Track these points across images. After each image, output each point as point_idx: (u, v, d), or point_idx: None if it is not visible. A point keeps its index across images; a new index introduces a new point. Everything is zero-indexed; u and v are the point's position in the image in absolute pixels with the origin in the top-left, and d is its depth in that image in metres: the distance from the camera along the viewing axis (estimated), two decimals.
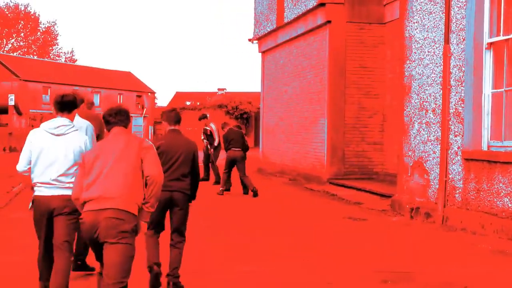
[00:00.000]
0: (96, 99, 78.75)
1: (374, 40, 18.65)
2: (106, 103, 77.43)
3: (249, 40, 27.53)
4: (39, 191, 6.18)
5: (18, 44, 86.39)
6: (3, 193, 15.39)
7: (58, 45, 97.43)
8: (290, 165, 22.19)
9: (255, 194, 15.76)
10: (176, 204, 7.07)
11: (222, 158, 17.91)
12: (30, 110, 48.12)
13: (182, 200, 7.09)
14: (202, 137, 19.41)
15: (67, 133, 6.18)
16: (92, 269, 7.39)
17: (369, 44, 18.66)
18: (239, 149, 16.19)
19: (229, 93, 63.38)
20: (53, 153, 6.11)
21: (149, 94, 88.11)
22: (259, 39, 26.30)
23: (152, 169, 5.42)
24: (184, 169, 7.14)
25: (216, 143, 19.22)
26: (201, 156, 11.31)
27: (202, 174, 18.86)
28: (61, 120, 6.23)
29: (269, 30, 24.95)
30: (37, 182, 6.18)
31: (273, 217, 12.76)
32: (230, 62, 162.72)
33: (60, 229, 6.12)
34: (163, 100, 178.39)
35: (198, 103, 50.14)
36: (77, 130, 6.33)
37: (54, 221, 6.14)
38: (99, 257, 5.41)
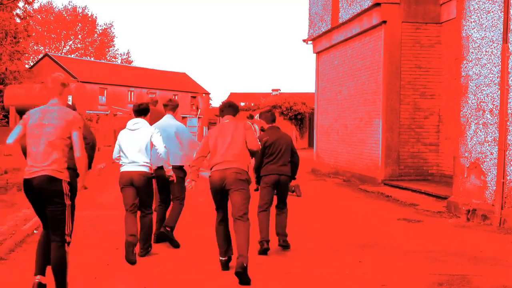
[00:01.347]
0: None
1: (430, 40, 18.46)
2: (162, 104, 78.36)
3: (304, 40, 27.53)
4: (124, 168, 8.71)
5: (76, 46, 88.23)
6: None
7: (114, 47, 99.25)
8: (344, 166, 22.12)
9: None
10: (280, 184, 9.35)
11: None
12: (87, 111, 49.03)
13: (286, 181, 9.40)
14: None
15: (139, 129, 8.80)
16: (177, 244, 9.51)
17: (425, 44, 18.48)
18: None
19: (283, 94, 63.39)
20: (131, 142, 8.72)
21: (204, 95, 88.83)
22: (314, 39, 26.28)
23: (253, 145, 7.94)
24: (286, 157, 9.38)
25: None
26: None
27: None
28: (136, 120, 8.93)
29: (323, 30, 24.92)
30: (123, 163, 8.75)
31: (327, 218, 12.75)
32: (284, 63, 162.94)
33: (139, 194, 8.72)
34: (217, 100, 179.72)
35: (252, 104, 50.31)
36: (147, 126, 8.86)
37: (135, 189, 8.67)
38: (221, 205, 8.00)
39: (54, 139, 6.26)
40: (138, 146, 8.66)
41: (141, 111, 9.01)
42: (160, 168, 9.13)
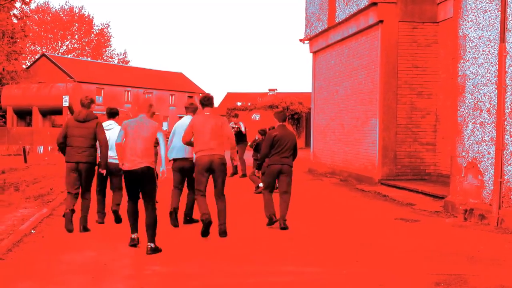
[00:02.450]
0: None
1: (427, 40, 18.45)
2: (158, 104, 78.36)
3: (300, 40, 27.51)
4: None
5: (73, 46, 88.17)
6: (58, 192, 15.68)
7: (111, 47, 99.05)
8: (341, 166, 22.10)
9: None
10: (283, 173, 11.20)
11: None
12: None
13: (288, 170, 11.23)
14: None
15: (112, 129, 11.50)
16: (197, 221, 11.14)
17: (422, 43, 18.47)
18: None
19: (280, 94, 63.46)
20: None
21: (200, 94, 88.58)
22: (310, 39, 26.26)
23: (230, 137, 10.41)
24: (290, 150, 11.27)
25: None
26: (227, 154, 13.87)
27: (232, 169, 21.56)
28: (109, 122, 11.65)
29: (320, 30, 24.89)
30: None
31: (323, 218, 12.73)
32: (281, 63, 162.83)
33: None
34: (214, 100, 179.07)
35: (249, 104, 50.25)
36: (118, 126, 11.43)
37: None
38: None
39: (147, 142, 9.30)
40: (110, 143, 10.98)
41: (112, 114, 11.90)
42: (181, 159, 11.15)
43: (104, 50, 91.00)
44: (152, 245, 8.96)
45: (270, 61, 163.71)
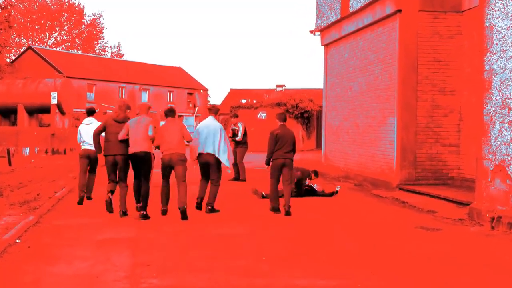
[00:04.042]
0: (144, 97, 79.72)
1: (450, 31, 18.43)
2: (155, 101, 78.51)
3: (311, 32, 27.52)
4: (84, 147, 15.90)
5: (62, 38, 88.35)
6: (45, 198, 15.71)
7: (103, 39, 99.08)
8: (355, 169, 22.09)
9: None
10: (286, 165, 14.29)
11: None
12: (74, 109, 48.90)
13: (289, 163, 14.36)
14: (229, 134, 21.46)
15: (91, 123, 15.53)
16: (218, 211, 14.14)
17: (444, 35, 18.45)
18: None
19: (289, 90, 63.39)
20: (87, 132, 15.55)
21: (202, 91, 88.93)
22: (322, 30, 26.27)
23: (187, 138, 13.58)
24: (289, 147, 14.35)
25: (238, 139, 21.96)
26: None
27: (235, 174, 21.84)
28: (89, 118, 15.94)
29: (332, 20, 24.90)
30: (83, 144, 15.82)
31: (337, 226, 12.71)
32: (289, 57, 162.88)
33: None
34: (216, 97, 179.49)
35: (254, 101, 50.20)
36: (96, 122, 15.44)
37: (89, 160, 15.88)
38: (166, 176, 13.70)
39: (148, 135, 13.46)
40: (90, 134, 15.15)
41: (91, 112, 16.30)
42: (205, 155, 14.18)
43: (96, 42, 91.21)
44: (144, 212, 13.20)
45: (278, 55, 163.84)
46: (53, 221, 12.87)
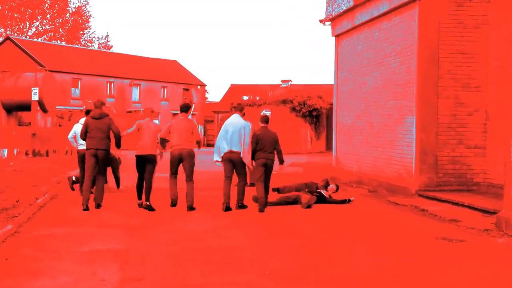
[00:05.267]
0: (135, 93, 79.79)
1: (475, 20, 18.41)
2: (147, 97, 78.57)
3: (320, 21, 27.50)
4: (80, 147, 18.43)
5: (44, 27, 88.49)
6: (25, 205, 15.71)
7: (90, 29, 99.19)
8: (370, 174, 22.08)
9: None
10: (268, 166, 16.34)
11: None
12: (57, 107, 48.89)
13: (271, 164, 16.39)
14: None
15: (239, 120, 16.47)
16: (246, 206, 16.27)
17: (469, 24, 18.43)
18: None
19: (295, 86, 63.40)
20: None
21: (199, 87, 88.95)
22: (333, 20, 26.26)
23: (196, 135, 16.34)
24: (271, 147, 16.33)
25: None
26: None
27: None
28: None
29: (344, 8, 24.89)
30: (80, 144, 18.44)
31: (349, 237, 12.69)
32: (296, 49, 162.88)
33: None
34: (215, 94, 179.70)
35: (257, 98, 50.23)
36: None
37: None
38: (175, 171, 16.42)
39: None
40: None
41: (89, 112, 16.91)
42: (229, 152, 16.02)
43: (81, 33, 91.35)
44: (148, 203, 16.00)
45: (283, 47, 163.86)
46: (34, 230, 12.87)
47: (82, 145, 17.80)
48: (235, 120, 16.41)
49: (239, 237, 12.43)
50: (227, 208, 15.94)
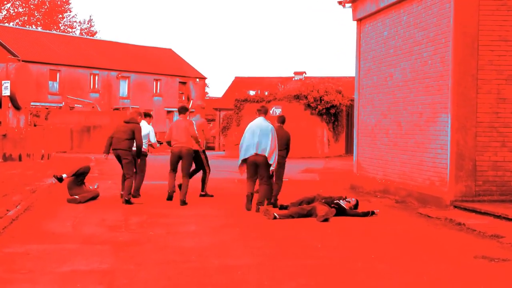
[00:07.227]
0: (123, 87, 79.80)
1: None
2: (137, 92, 78.60)
3: (339, 3, 27.52)
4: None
5: (16, 10, 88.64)
6: (1, 212, 15.76)
7: (70, 12, 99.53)
8: (397, 181, 22.07)
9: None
10: (279, 163, 19.04)
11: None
12: (32, 103, 48.99)
13: (281, 161, 19.41)
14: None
15: (265, 124, 19.03)
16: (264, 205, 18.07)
17: None
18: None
19: (310, 79, 63.49)
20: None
21: (198, 80, 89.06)
22: (354, 1, 26.28)
23: (193, 134, 20.24)
24: (283, 146, 19.39)
25: None
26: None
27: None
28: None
29: None
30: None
31: (375, 255, 12.70)
32: (311, 36, 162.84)
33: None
34: (216, 88, 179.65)
35: (266, 93, 50.16)
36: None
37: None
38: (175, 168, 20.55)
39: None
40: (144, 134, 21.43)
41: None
42: (254, 155, 18.24)
43: (60, 16, 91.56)
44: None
45: (296, 34, 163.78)
46: (4, 248, 12.88)
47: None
48: (262, 123, 18.86)
49: (244, 255, 12.45)
50: (249, 207, 18.36)
